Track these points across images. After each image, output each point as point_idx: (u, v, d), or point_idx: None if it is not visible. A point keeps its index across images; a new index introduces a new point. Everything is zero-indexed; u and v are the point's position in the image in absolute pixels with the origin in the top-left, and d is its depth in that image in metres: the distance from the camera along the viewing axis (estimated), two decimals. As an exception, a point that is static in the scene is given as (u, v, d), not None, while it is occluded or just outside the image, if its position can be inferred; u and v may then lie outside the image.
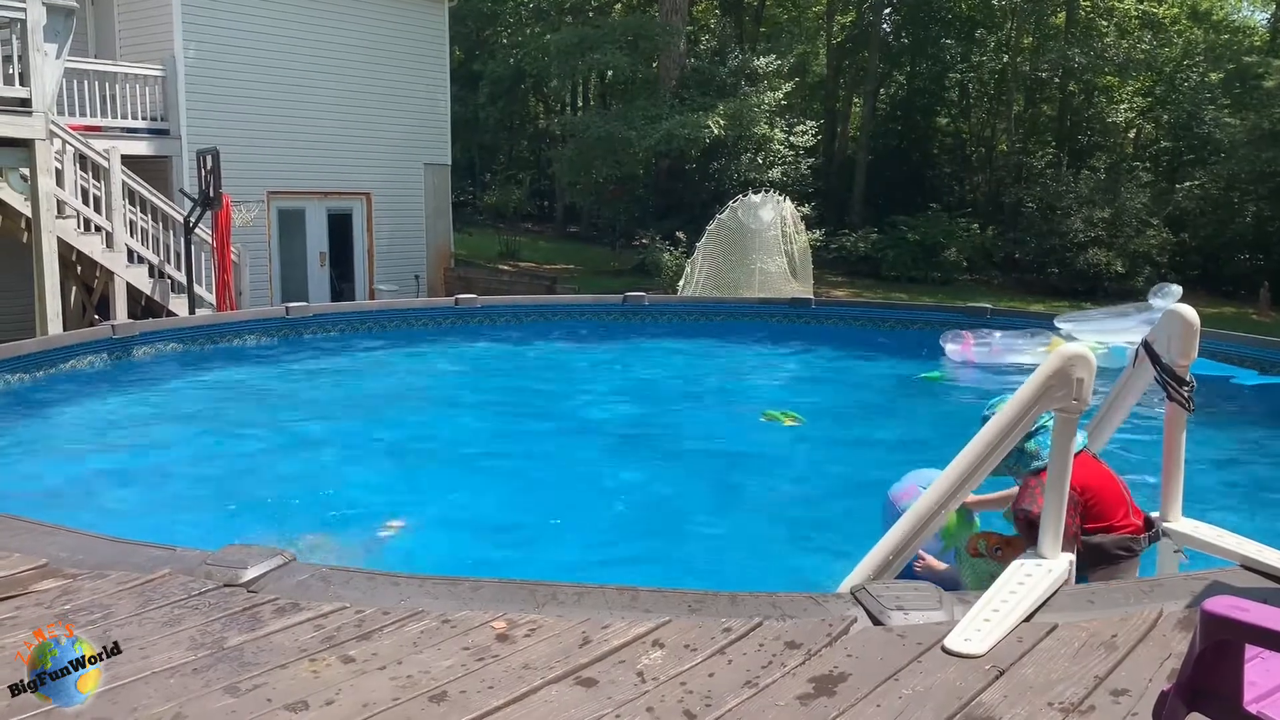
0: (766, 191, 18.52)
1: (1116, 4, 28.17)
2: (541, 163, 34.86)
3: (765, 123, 23.74)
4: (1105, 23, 28.11)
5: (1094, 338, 9.95)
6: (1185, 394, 3.62)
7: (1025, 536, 3.41)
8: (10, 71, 10.91)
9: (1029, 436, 3.48)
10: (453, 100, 21.19)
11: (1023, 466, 3.55)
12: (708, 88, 23.96)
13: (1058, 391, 3.04)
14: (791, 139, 24.91)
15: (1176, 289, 9.13)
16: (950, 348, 10.71)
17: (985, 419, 3.40)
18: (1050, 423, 3.44)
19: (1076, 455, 3.44)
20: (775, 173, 23.97)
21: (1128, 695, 2.33)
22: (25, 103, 10.86)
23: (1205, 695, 1.72)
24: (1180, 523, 3.70)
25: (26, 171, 11.32)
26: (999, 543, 3.67)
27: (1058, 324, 11.04)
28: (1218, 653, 1.68)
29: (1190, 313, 3.65)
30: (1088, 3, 28.26)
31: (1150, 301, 10.43)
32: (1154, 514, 3.68)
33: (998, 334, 10.71)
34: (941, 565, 3.92)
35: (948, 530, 3.81)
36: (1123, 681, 2.40)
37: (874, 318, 13.06)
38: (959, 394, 9.81)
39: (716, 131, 22.06)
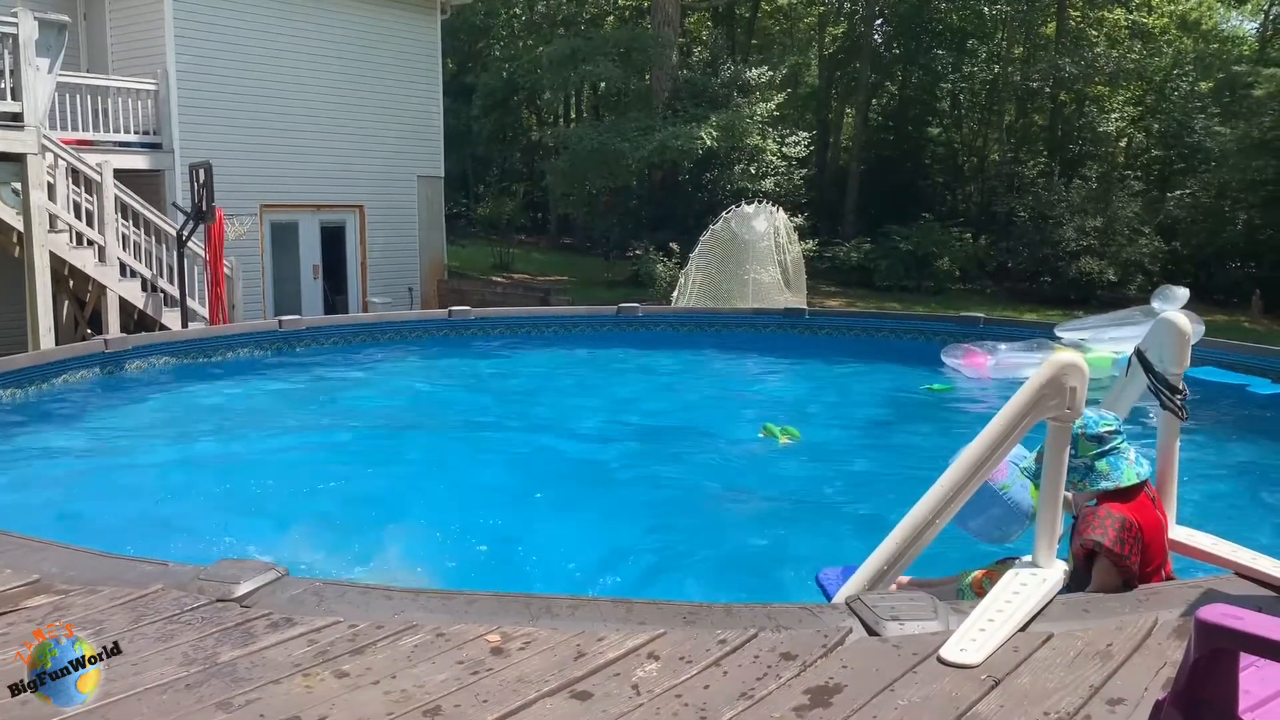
0: (759, 202, 18.55)
1: (1106, 14, 28.34)
2: (535, 174, 34.92)
3: (758, 134, 23.82)
4: (1095, 33, 28.29)
5: (1097, 345, 9.83)
6: (1178, 402, 3.62)
7: (1082, 567, 3.34)
8: (2, 86, 10.90)
9: (1100, 455, 3.40)
10: (446, 112, 21.21)
11: (1090, 485, 3.45)
12: (700, 99, 24.04)
13: (1051, 400, 3.04)
14: (784, 150, 24.98)
15: (1182, 292, 8.83)
16: (951, 360, 10.60)
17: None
18: (1123, 443, 3.44)
19: (1141, 492, 3.42)
20: (768, 183, 24.04)
21: (1123, 704, 2.33)
22: (17, 117, 10.85)
23: (1200, 704, 1.71)
24: (1175, 531, 3.70)
25: (19, 186, 11.30)
26: None
27: (1058, 333, 10.84)
28: (1213, 661, 1.68)
29: (1183, 321, 3.66)
30: (1077, 13, 28.43)
31: (1152, 304, 10.06)
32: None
33: (1001, 346, 10.49)
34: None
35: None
36: (1118, 691, 2.40)
37: (867, 327, 13.08)
38: (958, 404, 9.81)
39: (709, 142, 22.13)
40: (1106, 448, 3.39)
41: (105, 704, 2.28)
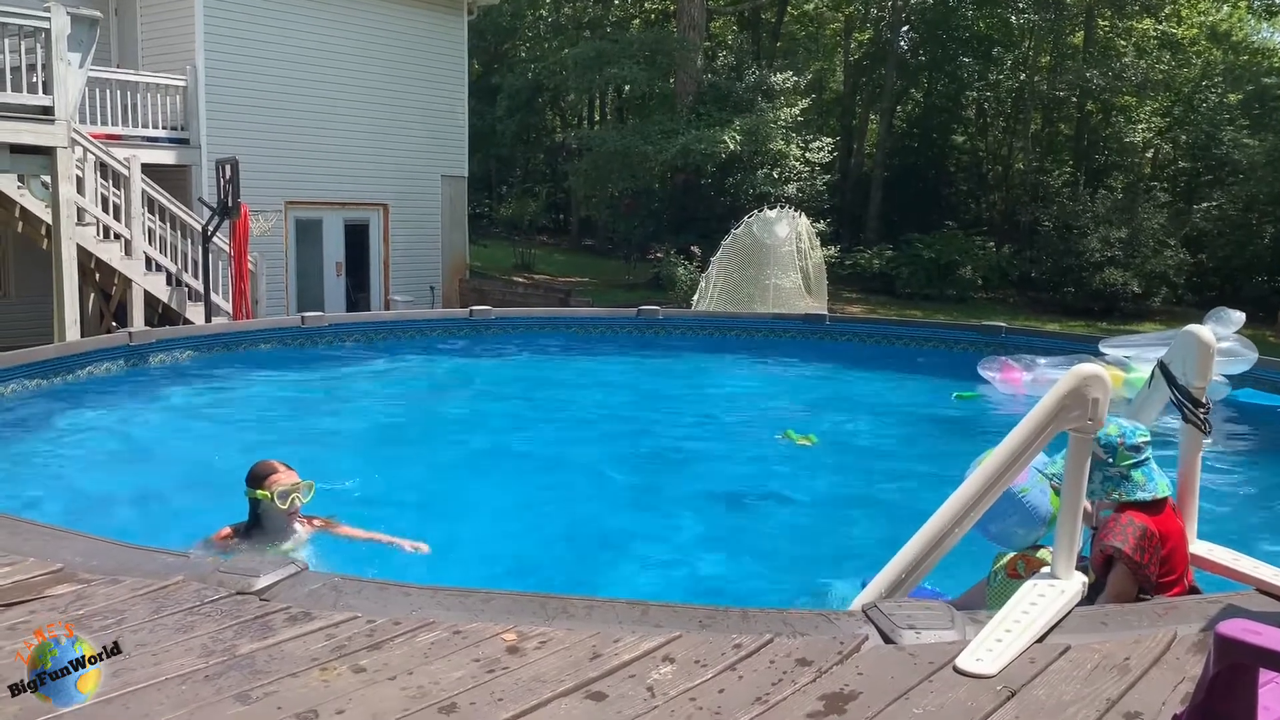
0: (782, 207, 18.54)
1: (1135, 24, 28.15)
2: (558, 176, 34.99)
3: (781, 138, 23.80)
4: (1124, 43, 28.10)
5: (1142, 364, 9.60)
6: (1201, 416, 3.60)
7: (1099, 572, 3.35)
8: (34, 80, 11.02)
9: (1136, 465, 3.42)
10: (471, 113, 21.30)
11: (1126, 494, 3.46)
12: (724, 103, 24.04)
13: (1073, 411, 3.03)
14: (808, 155, 24.95)
15: (1238, 315, 8.61)
16: (987, 373, 10.28)
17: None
18: (1150, 452, 3.46)
19: (1165, 506, 3.44)
20: (791, 188, 24.01)
21: (1140, 718, 2.32)
22: (48, 111, 10.97)
23: (1218, 718, 1.71)
24: (1196, 545, 3.68)
25: (48, 179, 11.42)
26: (1039, 567, 3.63)
27: (1102, 349, 10.59)
28: (1231, 676, 1.67)
29: (1207, 334, 3.64)
30: (1106, 22, 28.25)
31: (1205, 325, 9.77)
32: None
33: (1040, 360, 10.26)
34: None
35: (1056, 518, 3.72)
36: (1135, 704, 2.38)
37: (888, 335, 13.03)
38: (983, 414, 9.74)
39: (732, 146, 22.12)
40: (1142, 458, 3.42)
41: (126, 693, 2.30)
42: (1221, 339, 8.99)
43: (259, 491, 4.56)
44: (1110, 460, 3.46)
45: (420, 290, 19.32)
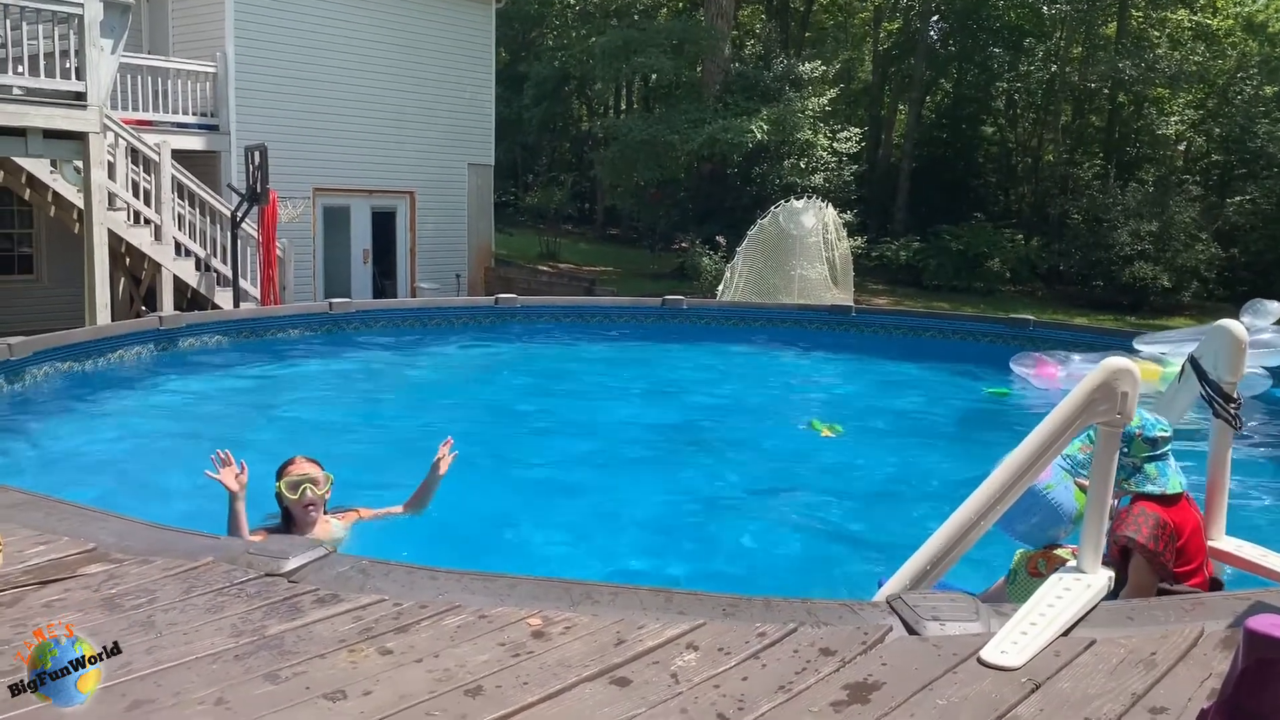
0: (809, 197, 18.46)
1: (1169, 15, 27.77)
2: (583, 165, 34.99)
3: (809, 128, 23.66)
4: (1157, 34, 27.73)
5: (1178, 361, 9.43)
6: (1232, 411, 3.57)
7: (1116, 564, 3.35)
8: (67, 66, 11.13)
9: (1150, 459, 3.42)
10: (497, 101, 21.34)
11: (1136, 485, 3.48)
12: (752, 92, 23.92)
13: (1101, 405, 3.01)
14: (835, 145, 24.80)
15: (1275, 306, 8.39)
16: (1021, 369, 10.21)
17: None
18: (1170, 451, 3.48)
19: (1179, 500, 3.44)
20: (818, 179, 23.88)
21: (1166, 713, 2.31)
22: (81, 96, 11.08)
23: (1246, 714, 1.70)
24: (1224, 541, 3.66)
25: (80, 164, 11.54)
26: (1059, 565, 3.62)
27: (1137, 345, 10.40)
28: (1260, 672, 1.66)
29: (1239, 328, 3.60)
30: (1139, 13, 27.88)
31: (1241, 319, 9.50)
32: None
33: (1075, 357, 10.07)
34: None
35: (1080, 515, 3.71)
36: (1161, 699, 2.37)
37: (915, 327, 12.97)
38: (1011, 407, 9.69)
39: (759, 136, 22.02)
40: (1158, 452, 3.41)
41: (158, 670, 2.34)
42: (1259, 330, 8.87)
43: (278, 484, 4.63)
44: (1126, 450, 3.46)
45: (446, 278, 19.39)
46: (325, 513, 4.75)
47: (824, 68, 25.33)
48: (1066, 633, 2.74)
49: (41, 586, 2.84)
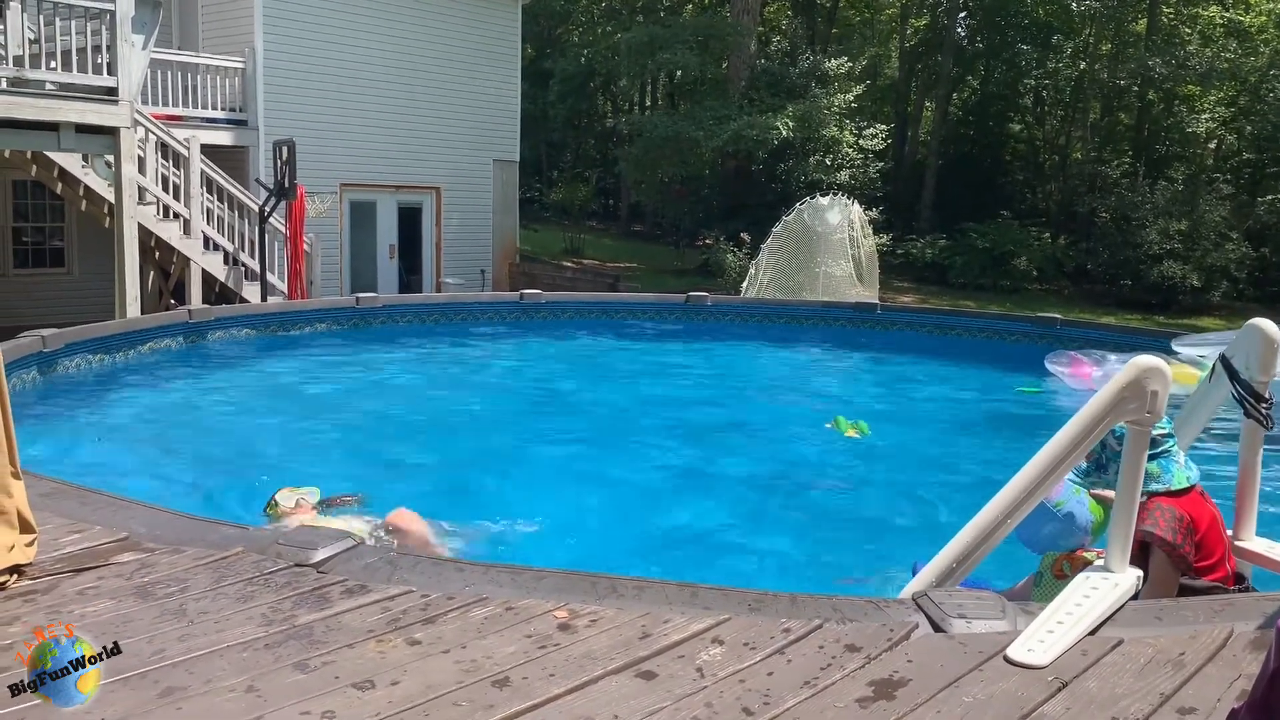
0: (834, 194, 18.38)
1: (1201, 11, 27.44)
2: (608, 161, 34.99)
3: (835, 125, 23.57)
4: (1188, 30, 27.41)
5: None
6: (1264, 410, 3.54)
7: (1136, 562, 3.34)
8: (99, 61, 11.24)
9: (1152, 457, 3.41)
10: (523, 97, 21.37)
11: (1142, 486, 3.47)
12: (777, 89, 23.85)
13: (1130, 404, 2.99)
14: (861, 142, 24.70)
15: None
16: (1055, 368, 10.06)
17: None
18: (1174, 447, 3.48)
19: (1192, 490, 3.42)
20: (843, 175, 23.80)
21: (1195, 714, 2.29)
22: (112, 91, 11.18)
23: (1277, 715, 1.69)
24: (1254, 542, 3.62)
25: (111, 158, 11.66)
26: (1084, 567, 3.60)
27: (1175, 346, 10.26)
28: (1292, 672, 1.65)
29: (1271, 327, 3.56)
30: (1170, 10, 27.57)
31: None
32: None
33: (1111, 356, 9.80)
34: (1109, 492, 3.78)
35: (1097, 526, 3.70)
36: (1190, 700, 2.36)
37: (941, 325, 12.89)
38: (1032, 406, 9.62)
39: (785, 133, 21.95)
40: (1158, 450, 3.41)
41: (190, 658, 2.37)
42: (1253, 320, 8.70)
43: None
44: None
45: (471, 273, 19.46)
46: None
47: (850, 64, 25.22)
48: (1094, 632, 2.72)
49: (76, 574, 2.88)
